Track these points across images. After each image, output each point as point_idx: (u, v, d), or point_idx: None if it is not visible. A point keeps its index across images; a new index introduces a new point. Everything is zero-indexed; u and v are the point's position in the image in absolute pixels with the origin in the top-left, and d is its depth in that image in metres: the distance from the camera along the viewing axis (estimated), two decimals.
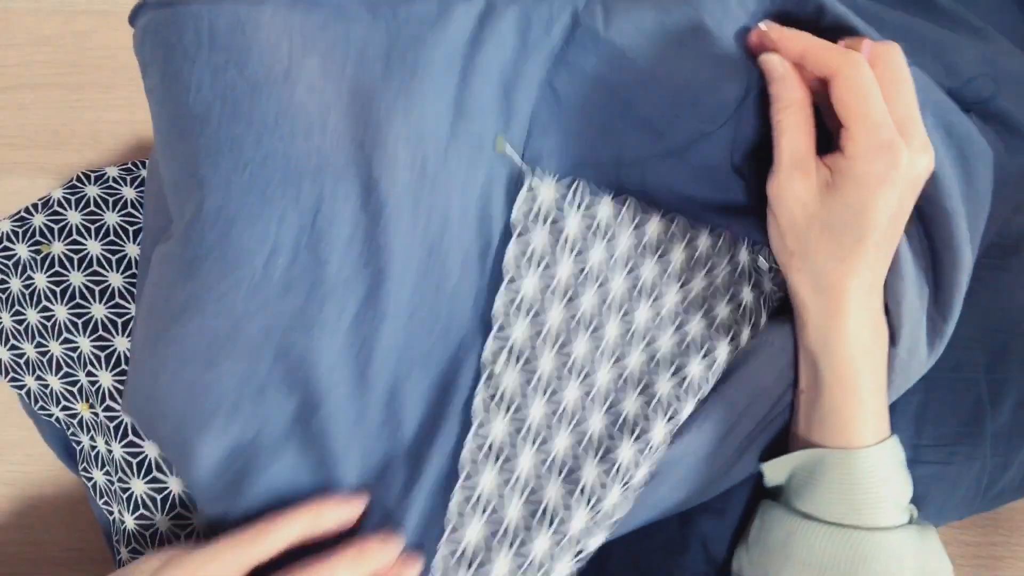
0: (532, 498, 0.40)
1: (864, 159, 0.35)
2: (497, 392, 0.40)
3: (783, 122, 0.38)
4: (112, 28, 0.55)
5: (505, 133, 0.39)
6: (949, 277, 0.41)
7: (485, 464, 0.40)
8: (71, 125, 0.56)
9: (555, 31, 0.39)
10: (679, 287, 0.43)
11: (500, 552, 0.40)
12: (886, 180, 0.36)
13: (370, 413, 0.40)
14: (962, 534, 0.55)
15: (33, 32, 0.55)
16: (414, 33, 0.38)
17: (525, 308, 0.40)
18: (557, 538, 0.40)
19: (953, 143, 0.40)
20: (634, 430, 0.42)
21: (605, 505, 0.41)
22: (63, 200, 0.50)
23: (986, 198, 0.41)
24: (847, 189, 0.36)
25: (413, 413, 0.40)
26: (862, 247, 0.37)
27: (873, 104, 0.35)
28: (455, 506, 0.40)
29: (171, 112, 0.39)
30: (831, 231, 0.37)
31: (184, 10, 0.37)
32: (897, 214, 0.37)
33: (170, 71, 0.38)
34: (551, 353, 0.41)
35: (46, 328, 0.49)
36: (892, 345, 0.41)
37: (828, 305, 0.39)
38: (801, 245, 0.39)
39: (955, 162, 0.40)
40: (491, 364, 0.40)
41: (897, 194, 0.36)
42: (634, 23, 0.39)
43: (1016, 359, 0.50)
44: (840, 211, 0.37)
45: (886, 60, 0.36)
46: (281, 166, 0.37)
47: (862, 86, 0.35)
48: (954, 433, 0.50)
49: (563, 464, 0.41)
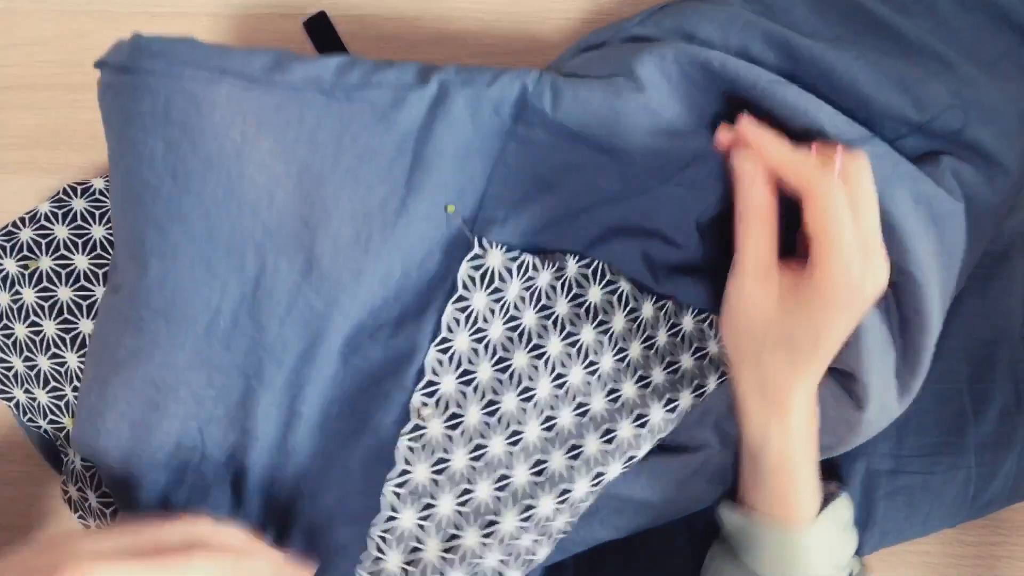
0: (451, 543, 0.43)
1: (831, 287, 0.36)
2: (422, 439, 0.42)
3: (749, 226, 0.38)
4: (112, 28, 0.56)
5: (457, 203, 0.41)
6: (917, 341, 0.41)
7: (406, 504, 0.42)
8: (71, 125, 0.56)
9: (505, 112, 0.41)
10: (615, 352, 0.44)
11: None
12: (849, 307, 0.36)
13: (291, 463, 0.43)
14: (962, 534, 0.55)
15: (33, 32, 0.56)
16: (367, 119, 0.40)
17: (455, 363, 0.42)
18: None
19: (921, 207, 0.40)
20: (556, 484, 0.43)
21: (519, 547, 0.44)
22: (50, 215, 0.51)
23: (958, 249, 0.42)
24: (809, 310, 0.37)
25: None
26: (815, 358, 0.38)
27: (845, 231, 0.35)
28: (376, 538, 0.42)
29: (124, 176, 0.41)
30: (787, 342, 0.38)
31: (142, 81, 0.39)
32: (853, 327, 0.38)
33: (126, 137, 0.40)
34: (478, 406, 0.43)
35: (35, 343, 0.50)
36: (859, 410, 0.42)
37: (771, 406, 0.40)
38: (754, 349, 0.39)
39: (925, 226, 0.40)
40: (416, 417, 0.42)
41: (856, 316, 0.37)
42: (582, 106, 0.40)
43: (1001, 368, 0.50)
44: (798, 326, 0.37)
45: (856, 176, 0.36)
46: (227, 239, 0.40)
47: (836, 209, 0.35)
48: (936, 443, 0.50)
49: (484, 511, 0.43)
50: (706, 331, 0.45)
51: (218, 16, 0.55)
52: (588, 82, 0.41)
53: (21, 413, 0.52)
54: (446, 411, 0.42)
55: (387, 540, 0.42)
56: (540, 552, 0.45)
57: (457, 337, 0.42)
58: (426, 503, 0.42)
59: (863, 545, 0.51)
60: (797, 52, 0.41)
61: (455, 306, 0.42)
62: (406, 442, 0.42)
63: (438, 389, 0.42)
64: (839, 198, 0.35)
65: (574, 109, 0.40)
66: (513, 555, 0.44)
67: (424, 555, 0.42)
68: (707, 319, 0.45)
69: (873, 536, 0.51)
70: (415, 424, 0.42)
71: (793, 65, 0.42)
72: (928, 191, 0.39)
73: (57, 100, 0.56)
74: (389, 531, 0.42)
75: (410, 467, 0.42)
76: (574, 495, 0.43)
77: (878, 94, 0.41)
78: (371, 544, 0.42)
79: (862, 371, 0.41)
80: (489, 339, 0.43)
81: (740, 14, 0.43)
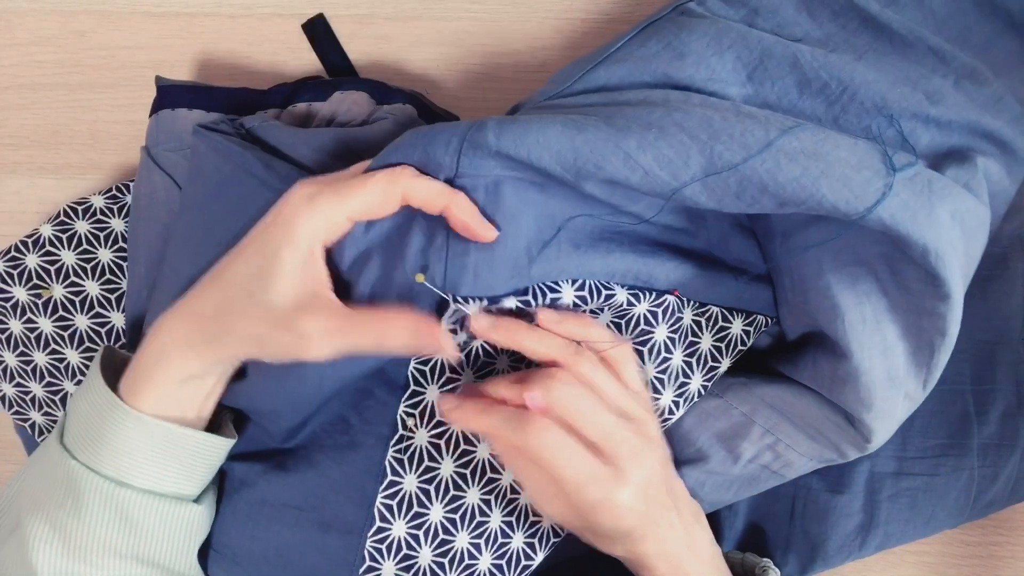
0: (443, 548, 0.44)
1: (590, 509, 0.38)
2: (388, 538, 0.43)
3: (508, 468, 0.41)
4: (112, 28, 0.55)
5: (424, 270, 0.39)
6: (939, 361, 0.40)
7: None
8: (71, 125, 0.56)
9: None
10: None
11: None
12: (619, 512, 0.38)
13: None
14: (962, 534, 0.55)
15: (33, 32, 0.55)
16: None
17: (437, 373, 0.44)
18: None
19: (957, 225, 0.37)
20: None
21: (511, 547, 0.45)
22: (54, 239, 0.51)
23: (978, 256, 0.40)
24: (593, 519, 0.39)
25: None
26: (637, 539, 0.39)
27: (566, 468, 0.37)
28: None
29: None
30: (594, 534, 0.40)
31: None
32: (649, 502, 0.39)
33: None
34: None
35: (58, 369, 0.51)
36: (867, 442, 0.43)
37: (630, 565, 0.42)
38: (589, 540, 0.42)
39: (959, 242, 0.37)
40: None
41: (632, 508, 0.38)
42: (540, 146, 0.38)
43: (1003, 369, 0.50)
44: (598, 525, 0.39)
45: (563, 396, 0.38)
46: None
47: (547, 453, 0.37)
48: (940, 445, 0.50)
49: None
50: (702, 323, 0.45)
51: (218, 16, 0.55)
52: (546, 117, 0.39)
53: (36, 434, 0.53)
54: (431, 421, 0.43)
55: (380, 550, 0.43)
56: (536, 556, 0.45)
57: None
58: (415, 512, 0.43)
59: (866, 547, 0.51)
60: (803, 65, 0.41)
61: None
62: (392, 454, 0.43)
63: (423, 399, 0.43)
64: (545, 442, 0.37)
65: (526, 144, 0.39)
66: (506, 558, 0.44)
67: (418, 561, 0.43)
68: (705, 312, 0.45)
69: (876, 538, 0.51)
70: (401, 435, 0.43)
71: (801, 77, 0.41)
72: (962, 207, 0.37)
73: (57, 100, 0.56)
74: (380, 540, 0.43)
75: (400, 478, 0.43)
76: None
77: (890, 92, 0.40)
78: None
79: (870, 425, 0.41)
80: (473, 350, 0.43)
81: (729, 28, 0.42)
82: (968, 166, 0.40)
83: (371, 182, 0.37)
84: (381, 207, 0.38)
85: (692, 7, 0.44)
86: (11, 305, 0.51)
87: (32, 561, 0.38)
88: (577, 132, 0.36)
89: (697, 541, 0.42)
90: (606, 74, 0.42)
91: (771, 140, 0.35)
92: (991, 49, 0.45)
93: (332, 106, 0.49)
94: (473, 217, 0.37)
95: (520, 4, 0.55)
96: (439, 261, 0.38)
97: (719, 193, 0.36)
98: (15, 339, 0.51)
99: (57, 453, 0.39)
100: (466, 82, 0.56)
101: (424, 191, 0.37)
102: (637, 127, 0.36)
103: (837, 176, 0.35)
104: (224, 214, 0.42)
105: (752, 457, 0.45)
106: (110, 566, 0.39)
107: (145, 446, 0.39)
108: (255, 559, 0.43)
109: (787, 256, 0.42)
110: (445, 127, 0.38)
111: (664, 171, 0.36)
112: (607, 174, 0.36)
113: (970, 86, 0.42)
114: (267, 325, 0.37)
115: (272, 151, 0.45)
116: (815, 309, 0.41)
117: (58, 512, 0.39)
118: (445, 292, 0.38)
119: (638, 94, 0.41)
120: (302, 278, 0.37)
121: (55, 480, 0.39)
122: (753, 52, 0.41)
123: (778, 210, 0.36)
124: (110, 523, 0.39)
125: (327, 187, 0.37)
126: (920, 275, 0.37)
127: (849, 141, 0.36)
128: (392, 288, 0.39)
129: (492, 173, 0.38)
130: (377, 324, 0.37)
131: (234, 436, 0.43)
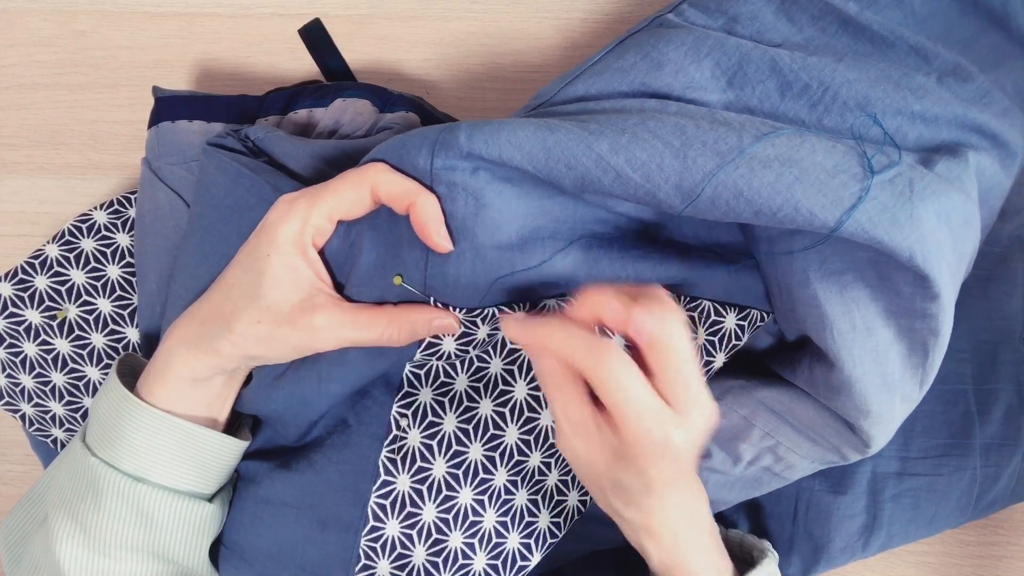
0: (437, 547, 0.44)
1: (638, 448, 0.36)
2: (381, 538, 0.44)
3: (549, 396, 0.38)
4: (112, 28, 0.55)
5: (404, 272, 0.40)
6: (933, 360, 0.40)
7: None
8: (71, 125, 0.56)
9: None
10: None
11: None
12: (662, 455, 0.36)
13: None
14: (962, 534, 0.55)
15: (33, 32, 0.55)
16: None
17: (431, 376, 0.44)
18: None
19: (943, 225, 0.37)
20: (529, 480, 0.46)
21: (506, 548, 0.45)
22: (62, 259, 0.51)
23: (968, 255, 0.40)
24: (625, 462, 0.37)
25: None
26: (651, 497, 0.38)
27: (633, 402, 0.35)
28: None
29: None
30: (620, 490, 0.38)
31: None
32: (684, 461, 0.37)
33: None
34: (454, 415, 0.44)
35: (77, 388, 0.52)
36: (867, 447, 0.43)
37: (638, 531, 0.40)
38: (599, 495, 0.40)
39: (945, 242, 0.37)
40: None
41: (676, 457, 0.36)
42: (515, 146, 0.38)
43: (1005, 368, 0.50)
44: (626, 475, 0.37)
45: (654, 334, 0.35)
46: None
47: (615, 383, 0.35)
48: (943, 445, 0.50)
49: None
50: (696, 318, 0.45)
51: (218, 16, 0.55)
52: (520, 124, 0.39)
53: (59, 448, 0.53)
54: (424, 421, 0.44)
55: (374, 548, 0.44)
56: (533, 556, 0.45)
57: (432, 356, 0.43)
58: (408, 511, 0.44)
59: (870, 548, 0.51)
60: (783, 69, 0.41)
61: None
62: (386, 454, 0.44)
63: (416, 400, 0.44)
64: (617, 372, 0.34)
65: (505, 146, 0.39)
66: (501, 559, 0.44)
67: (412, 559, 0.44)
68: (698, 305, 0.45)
69: (880, 539, 0.51)
70: (395, 435, 0.43)
71: (782, 81, 0.41)
72: (947, 205, 0.36)
73: (57, 100, 0.56)
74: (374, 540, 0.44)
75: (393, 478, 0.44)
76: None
77: (873, 90, 0.40)
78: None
79: (865, 422, 0.41)
80: (467, 355, 0.44)
81: (707, 36, 0.42)
82: (959, 160, 0.39)
83: (342, 181, 0.39)
84: (354, 204, 0.39)
85: (670, 18, 0.44)
86: (24, 328, 0.51)
87: (55, 552, 0.41)
88: (549, 133, 0.37)
89: (701, 519, 0.42)
90: (584, 86, 0.42)
91: (744, 147, 0.35)
92: (975, 45, 0.45)
93: (334, 114, 0.49)
94: (432, 221, 0.37)
95: (520, 4, 0.55)
96: (418, 270, 0.39)
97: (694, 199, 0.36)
98: (31, 361, 0.51)
99: (79, 451, 0.42)
100: (466, 82, 0.56)
101: (392, 186, 0.38)
102: (611, 131, 0.37)
103: (812, 181, 0.34)
104: (234, 235, 0.43)
105: (753, 459, 0.45)
106: (127, 559, 0.42)
107: (160, 442, 0.41)
108: (260, 555, 0.44)
109: (771, 262, 0.42)
110: (420, 131, 0.39)
111: (636, 173, 0.36)
112: (578, 174, 0.37)
113: (954, 82, 0.42)
114: (271, 324, 0.39)
115: (277, 164, 0.46)
116: (802, 318, 0.41)
117: (80, 506, 0.41)
118: (425, 295, 0.39)
119: (615, 103, 0.41)
120: (297, 279, 0.39)
121: (77, 476, 0.42)
122: (732, 58, 0.41)
123: (755, 220, 0.36)
124: (127, 518, 0.41)
125: (306, 192, 0.39)
126: (908, 277, 0.37)
127: (827, 145, 0.36)
128: (374, 291, 0.41)
129: (471, 183, 0.38)
130: (383, 315, 0.39)
131: (248, 439, 0.45)
